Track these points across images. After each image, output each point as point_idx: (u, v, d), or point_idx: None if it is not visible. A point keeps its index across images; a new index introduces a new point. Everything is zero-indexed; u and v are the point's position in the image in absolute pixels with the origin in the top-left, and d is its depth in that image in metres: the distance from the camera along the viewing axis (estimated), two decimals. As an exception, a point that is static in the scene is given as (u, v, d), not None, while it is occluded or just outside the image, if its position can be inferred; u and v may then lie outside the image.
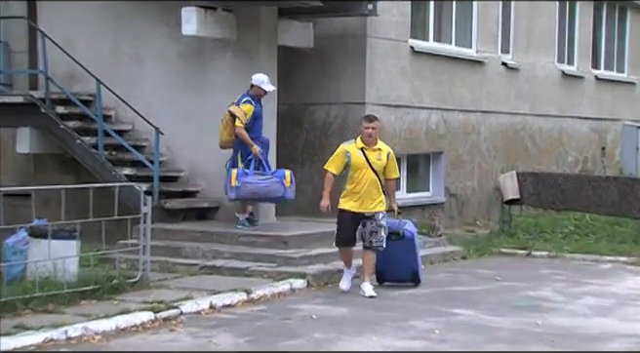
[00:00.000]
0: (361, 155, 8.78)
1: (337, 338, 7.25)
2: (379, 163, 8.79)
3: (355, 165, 8.76)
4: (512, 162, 15.91)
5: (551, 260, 12.03)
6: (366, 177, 8.76)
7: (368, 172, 8.76)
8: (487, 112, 15.38)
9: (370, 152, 8.79)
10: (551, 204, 13.81)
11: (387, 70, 13.04)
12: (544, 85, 16.90)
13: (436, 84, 14.12)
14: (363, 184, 8.77)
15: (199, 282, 9.29)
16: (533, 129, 16.69)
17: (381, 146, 8.89)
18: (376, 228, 8.78)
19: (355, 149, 8.81)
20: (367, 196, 8.79)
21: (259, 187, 10.24)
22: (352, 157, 8.78)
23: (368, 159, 8.78)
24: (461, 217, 14.81)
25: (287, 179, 10.34)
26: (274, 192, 10.32)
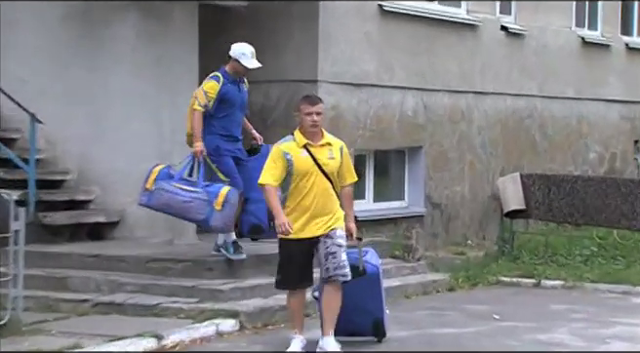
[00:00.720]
0: (306, 155, 8.27)
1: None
2: (331, 163, 8.31)
3: (300, 170, 8.22)
4: (515, 161, 16.13)
5: (567, 292, 12.21)
6: (317, 186, 8.24)
7: (318, 177, 8.25)
8: (481, 93, 15.57)
9: (317, 149, 8.30)
10: (567, 217, 14.00)
11: (348, 37, 13.15)
12: (558, 56, 17.17)
13: (413, 55, 14.26)
14: (313, 196, 8.23)
15: (91, 324, 9.23)
16: (543, 116, 16.94)
17: (330, 140, 8.43)
18: (333, 248, 8.19)
19: (296, 148, 8.27)
20: (320, 212, 8.25)
21: (175, 200, 9.97)
22: (294, 159, 8.24)
23: (316, 159, 8.27)
24: (448, 235, 14.98)
25: (218, 201, 9.92)
26: (194, 212, 10.01)
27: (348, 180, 8.52)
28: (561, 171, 16.60)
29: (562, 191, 13.83)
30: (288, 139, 8.39)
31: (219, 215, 9.93)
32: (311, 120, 8.25)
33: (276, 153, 8.31)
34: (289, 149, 8.28)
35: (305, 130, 8.32)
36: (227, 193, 9.94)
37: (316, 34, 12.72)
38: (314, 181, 8.24)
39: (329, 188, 8.31)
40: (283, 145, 8.33)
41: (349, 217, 8.52)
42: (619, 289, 12.24)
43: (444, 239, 14.81)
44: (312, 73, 12.74)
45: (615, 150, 18.76)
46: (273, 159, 8.30)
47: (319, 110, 8.29)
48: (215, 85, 10.19)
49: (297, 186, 8.27)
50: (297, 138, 8.33)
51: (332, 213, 8.32)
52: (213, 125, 10.20)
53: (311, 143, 8.29)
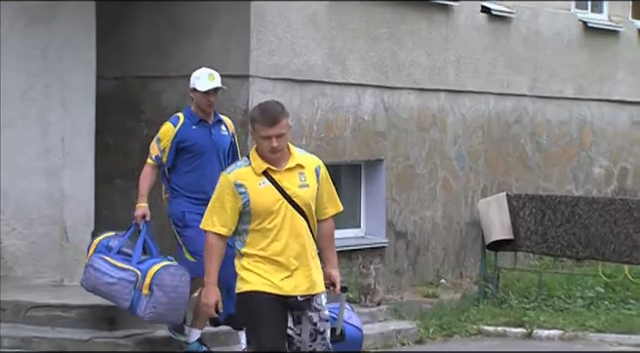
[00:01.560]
0: (267, 185, 7.33)
1: None
2: (305, 193, 7.39)
3: (260, 208, 7.29)
4: (501, 177, 16.24)
5: (567, 345, 12.27)
6: (288, 226, 7.32)
7: (289, 214, 7.33)
8: (458, 92, 15.67)
9: (284, 175, 7.36)
10: (566, 249, 14.08)
11: (289, 21, 13.16)
12: (554, 46, 17.35)
13: (372, 43, 14.31)
14: (285, 242, 7.31)
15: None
16: (535, 121, 17.08)
17: (302, 159, 7.47)
18: (321, 325, 7.47)
19: (253, 176, 7.33)
20: (294, 262, 7.35)
21: (101, 281, 9.64)
22: (251, 193, 7.28)
23: (283, 189, 7.34)
24: (415, 272, 15.03)
25: (145, 283, 9.53)
26: (119, 296, 9.65)
27: (330, 211, 7.61)
28: (558, 190, 16.73)
29: (560, 216, 13.90)
30: (240, 164, 7.46)
31: (144, 303, 9.53)
32: (269, 146, 7.25)
33: (223, 185, 7.34)
34: (242, 179, 7.31)
35: (264, 153, 7.32)
36: (156, 273, 9.56)
37: (247, 16, 12.70)
38: (283, 220, 7.30)
39: (304, 228, 7.38)
40: (234, 173, 7.35)
41: (331, 262, 7.65)
42: (631, 340, 12.32)
43: (411, 277, 14.85)
44: (243, 66, 12.74)
45: (626, 164, 18.93)
46: (219, 194, 7.33)
47: (281, 132, 7.24)
48: (170, 129, 9.97)
49: (258, 229, 7.33)
50: (253, 163, 7.35)
51: (309, 263, 7.39)
52: (177, 184, 9.98)
53: (273, 168, 7.32)
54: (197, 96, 9.97)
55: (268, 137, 7.25)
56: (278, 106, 7.38)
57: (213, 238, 7.33)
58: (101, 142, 12.26)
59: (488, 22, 16.10)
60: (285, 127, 7.29)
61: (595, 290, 14.16)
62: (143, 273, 9.54)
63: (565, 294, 14.04)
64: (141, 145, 13.02)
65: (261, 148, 7.31)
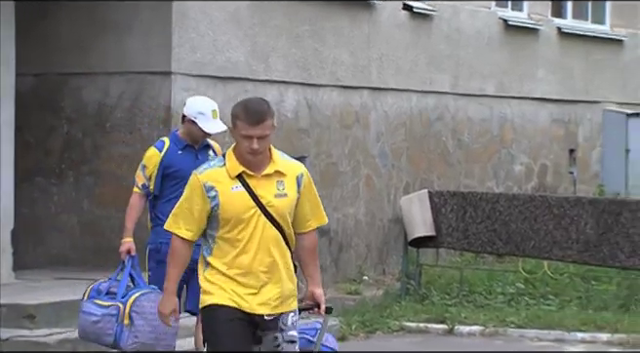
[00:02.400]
0: (240, 190, 6.60)
1: None
2: (280, 203, 6.64)
3: (230, 214, 6.58)
4: (423, 174, 16.26)
5: (488, 341, 12.29)
6: (258, 237, 6.58)
7: (261, 224, 6.59)
8: (380, 90, 15.67)
9: (259, 182, 6.62)
10: (487, 245, 14.13)
11: (211, 18, 13.09)
12: (475, 44, 17.40)
13: (295, 41, 14.27)
14: (254, 254, 6.59)
15: None
16: (456, 118, 17.12)
17: (283, 166, 6.69)
18: (284, 347, 6.72)
19: (226, 178, 6.62)
20: (264, 277, 6.62)
21: (87, 322, 9.03)
22: (221, 197, 6.57)
23: (257, 197, 6.61)
24: (338, 269, 15.02)
25: (125, 313, 8.91)
26: (103, 334, 9.02)
27: (313, 224, 6.83)
28: (479, 187, 16.78)
29: (480, 213, 13.95)
30: (214, 164, 6.73)
31: (126, 333, 8.91)
32: (249, 148, 6.49)
33: (193, 185, 6.64)
34: (214, 180, 6.58)
35: (241, 154, 6.56)
36: (135, 300, 8.96)
37: (169, 13, 12.62)
38: (254, 230, 6.55)
39: (278, 239, 6.60)
40: (205, 174, 6.62)
41: (314, 280, 6.84)
42: (550, 335, 12.38)
43: (333, 274, 14.83)
44: (165, 63, 12.65)
45: (545, 161, 19.04)
46: (188, 194, 6.65)
47: (264, 133, 6.48)
48: (155, 154, 9.33)
49: (227, 238, 6.61)
50: (228, 164, 6.60)
51: (283, 280, 6.63)
52: (161, 212, 9.13)
53: (249, 172, 6.55)
54: (196, 130, 9.25)
55: (249, 136, 6.44)
56: (264, 104, 6.59)
57: (177, 241, 6.62)
58: (21, 140, 12.13)
59: (410, 20, 16.12)
60: (269, 128, 6.47)
61: (515, 286, 14.22)
62: (124, 304, 8.91)
63: (486, 291, 14.08)
64: (62, 142, 12.95)
65: (240, 149, 6.50)
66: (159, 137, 12.37)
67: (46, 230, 12.74)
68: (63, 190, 12.81)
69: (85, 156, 12.84)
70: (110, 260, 12.11)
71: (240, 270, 6.52)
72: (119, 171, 12.62)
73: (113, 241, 12.26)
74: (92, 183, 12.84)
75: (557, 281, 14.30)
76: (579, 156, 19.77)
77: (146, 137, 12.54)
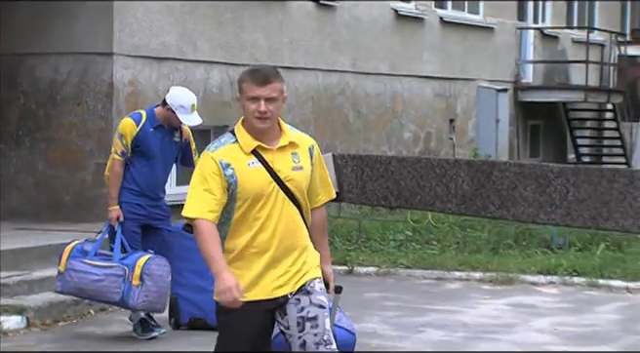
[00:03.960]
0: (257, 166, 5.29)
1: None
2: (298, 176, 5.37)
3: (249, 191, 5.26)
4: (327, 140, 16.25)
5: (381, 279, 12.37)
6: (277, 215, 5.31)
7: (279, 201, 5.32)
8: (291, 69, 15.60)
9: (275, 155, 5.33)
10: (381, 200, 14.17)
11: (147, 6, 12.96)
12: (372, 30, 17.41)
13: (219, 27, 14.18)
14: (272, 232, 5.31)
15: None
16: (356, 93, 17.13)
17: (295, 137, 5.43)
18: (312, 311, 5.29)
19: (240, 155, 5.29)
20: (284, 256, 5.34)
21: (86, 280, 8.68)
22: (239, 174, 5.26)
23: (275, 172, 5.32)
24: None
25: (135, 274, 8.63)
26: (108, 291, 8.70)
27: (323, 198, 5.56)
28: (375, 151, 16.85)
29: (376, 173, 13.98)
30: (225, 141, 5.33)
31: (136, 292, 8.65)
32: (257, 110, 5.20)
33: (207, 164, 5.25)
34: (229, 157, 5.24)
35: (252, 124, 5.26)
36: (145, 263, 8.70)
37: (111, 2, 12.48)
38: (273, 207, 5.28)
39: (296, 217, 5.36)
40: (219, 151, 5.26)
41: (323, 258, 5.54)
42: (433, 274, 12.47)
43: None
44: (107, 45, 12.50)
45: (430, 129, 19.15)
46: (202, 175, 5.24)
47: (272, 94, 5.23)
48: (131, 124, 8.89)
49: (244, 217, 5.28)
50: (240, 139, 5.28)
51: (302, 255, 5.37)
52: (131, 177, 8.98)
53: (264, 146, 5.28)
54: (173, 118, 8.88)
55: (256, 98, 5.18)
56: (272, 69, 5.41)
57: (204, 225, 5.15)
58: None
59: (316, 10, 16.09)
60: (278, 91, 5.24)
61: (405, 233, 14.31)
62: (131, 266, 8.62)
63: (380, 238, 14.17)
64: (19, 113, 12.83)
65: (248, 114, 5.22)
66: (102, 108, 12.42)
67: (6, 188, 12.58)
68: (21, 154, 12.69)
69: (39, 125, 12.70)
70: (61, 213, 12.00)
71: (258, 249, 5.22)
72: (68, 137, 12.54)
73: (63, 197, 12.20)
74: (45, 148, 12.70)
75: (439, 229, 14.44)
76: (457, 125, 19.91)
77: (92, 108, 12.47)
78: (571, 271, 12.36)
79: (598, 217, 13.41)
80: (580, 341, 9.30)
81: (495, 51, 21.15)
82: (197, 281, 9.13)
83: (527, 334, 9.57)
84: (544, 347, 9.06)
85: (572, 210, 13.48)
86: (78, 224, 11.51)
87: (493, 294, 11.18)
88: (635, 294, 11.60)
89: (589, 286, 11.91)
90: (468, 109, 20.27)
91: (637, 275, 12.08)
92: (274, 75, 5.27)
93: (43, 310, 9.48)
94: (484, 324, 9.91)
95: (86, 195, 12.30)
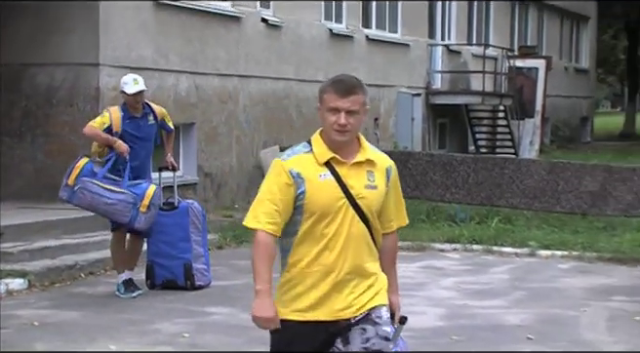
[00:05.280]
0: (329, 179, 4.12)
1: (64, 348, 7.12)
2: (371, 195, 4.16)
3: (317, 205, 4.10)
4: (276, 135, 16.21)
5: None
6: (346, 232, 4.11)
7: (349, 218, 4.12)
8: (246, 77, 15.56)
9: (350, 171, 4.14)
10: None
11: (126, 26, 12.85)
12: (311, 46, 17.36)
13: (186, 43, 14.09)
14: (340, 250, 4.11)
15: None
16: (298, 97, 17.09)
17: (373, 155, 4.22)
18: (377, 343, 4.13)
19: (313, 165, 4.14)
20: (351, 277, 4.14)
21: (99, 201, 8.56)
22: (308, 186, 4.10)
23: (347, 187, 4.12)
24: (217, 200, 14.92)
25: (144, 203, 8.56)
26: (118, 214, 8.60)
27: (395, 224, 4.31)
28: (314, 144, 16.80)
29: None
30: (299, 150, 4.19)
31: (143, 218, 8.63)
32: (337, 123, 4.07)
33: (277, 173, 4.12)
34: (301, 167, 4.09)
35: (330, 136, 4.13)
36: (154, 194, 8.66)
37: (97, 22, 12.36)
38: (341, 225, 4.08)
39: (365, 236, 4.13)
40: (291, 160, 4.12)
41: (391, 287, 4.28)
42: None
43: (214, 204, 14.73)
44: (94, 57, 12.38)
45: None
46: (270, 184, 4.12)
47: (353, 107, 4.07)
48: (105, 120, 8.77)
49: (310, 232, 4.08)
50: (315, 149, 4.14)
51: (369, 278, 4.16)
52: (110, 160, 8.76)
53: (340, 159, 4.11)
54: (126, 97, 8.84)
55: (337, 109, 4.05)
56: (355, 79, 4.18)
57: (261, 236, 4.04)
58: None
59: (266, 29, 16.03)
60: (359, 103, 4.08)
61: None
62: (141, 196, 8.56)
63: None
64: (22, 113, 12.70)
65: (327, 126, 4.09)
66: (91, 109, 12.32)
67: (10, 175, 12.43)
68: (23, 146, 12.57)
69: (38, 122, 12.57)
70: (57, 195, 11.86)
71: (323, 267, 4.05)
72: (62, 132, 12.41)
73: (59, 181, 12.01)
74: (43, 142, 12.57)
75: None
76: (380, 123, 19.96)
77: (82, 109, 12.36)
78: (471, 240, 12.44)
79: (492, 197, 13.55)
80: (478, 296, 9.38)
81: (410, 63, 21.23)
82: (169, 250, 9.17)
83: (436, 291, 9.65)
84: (450, 301, 9.11)
85: (472, 191, 13.61)
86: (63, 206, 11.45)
87: (409, 260, 11.23)
88: (522, 258, 11.72)
89: (485, 252, 12.01)
90: (389, 110, 20.31)
91: (523, 243, 12.20)
92: (358, 86, 4.10)
93: (42, 274, 9.40)
94: (402, 283, 9.76)
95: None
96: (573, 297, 9.29)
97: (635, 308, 8.78)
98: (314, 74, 17.48)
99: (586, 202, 12.98)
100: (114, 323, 7.93)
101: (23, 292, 9.08)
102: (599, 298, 9.21)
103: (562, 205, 13.12)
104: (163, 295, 9.02)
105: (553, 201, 13.15)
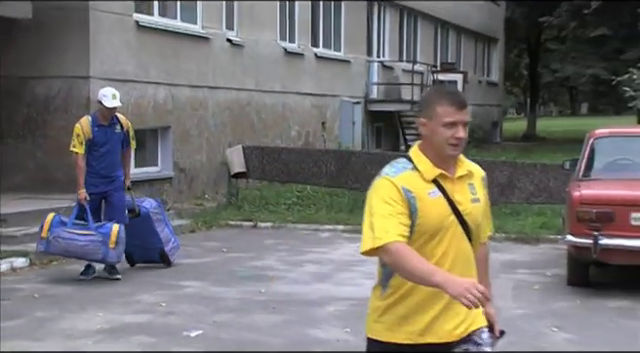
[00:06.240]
0: (438, 196, 3.26)
1: (60, 316, 7.06)
2: (476, 208, 3.34)
3: (430, 224, 3.24)
4: (239, 136, 16.15)
5: (276, 231, 12.30)
6: (454, 250, 3.29)
7: (456, 234, 3.29)
8: (214, 88, 15.47)
9: (455, 186, 3.31)
10: (275, 177, 14.19)
11: (112, 44, 12.71)
12: (268, 62, 17.28)
13: (163, 59, 13.97)
14: (448, 269, 3.23)
15: None
16: (258, 104, 17.03)
17: (469, 164, 3.39)
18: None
19: (421, 183, 3.26)
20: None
21: (74, 245, 8.32)
22: (420, 204, 3.23)
23: (454, 202, 3.29)
24: (190, 191, 14.84)
25: (112, 240, 8.31)
26: (92, 253, 8.34)
27: (486, 233, 3.48)
28: (271, 144, 16.77)
29: (272, 158, 13.99)
30: (403, 167, 3.28)
31: (113, 253, 8.38)
32: (454, 137, 3.22)
33: (388, 191, 3.21)
34: (410, 185, 3.22)
35: (438, 152, 3.25)
36: (119, 232, 8.38)
37: (87, 41, 12.24)
38: (450, 243, 3.26)
39: (470, 252, 3.33)
40: (399, 177, 3.23)
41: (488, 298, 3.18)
42: (311, 227, 12.45)
43: (187, 194, 14.66)
44: (85, 71, 12.27)
45: (309, 129, 19.17)
46: (384, 201, 3.19)
47: (468, 119, 3.26)
48: (78, 129, 8.44)
49: (419, 253, 3.17)
50: (419, 166, 3.26)
51: None
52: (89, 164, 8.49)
53: (447, 174, 3.27)
54: (102, 108, 8.44)
55: (454, 123, 3.18)
56: (459, 92, 3.34)
57: (396, 245, 3.09)
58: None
59: (230, 47, 15.95)
60: (469, 115, 3.25)
61: (292, 200, 14.25)
62: (107, 235, 8.28)
63: (275, 202, 14.07)
64: (24, 118, 12.54)
65: (440, 140, 3.19)
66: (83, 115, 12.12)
67: (13, 171, 12.27)
68: (25, 147, 12.43)
69: (38, 126, 12.43)
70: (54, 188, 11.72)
71: (431, 289, 3.12)
72: (58, 135, 12.22)
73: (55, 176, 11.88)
74: (42, 142, 12.42)
75: (315, 196, 14.40)
76: (327, 126, 19.95)
77: (75, 114, 12.08)
78: (402, 224, 12.50)
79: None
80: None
81: (351, 76, 21.25)
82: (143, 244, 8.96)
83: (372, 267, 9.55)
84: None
85: (403, 183, 13.71)
86: (66, 195, 11.25)
87: (351, 241, 11.26)
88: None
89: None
90: (334, 115, 20.32)
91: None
92: (465, 99, 3.25)
93: (41, 254, 9.25)
94: (344, 260, 9.96)
95: (71, 174, 11.97)
96: (485, 271, 9.35)
97: (534, 279, 8.90)
98: (272, 86, 17.48)
99: (496, 192, 13.10)
100: (102, 295, 7.86)
101: (25, 269, 8.98)
102: (506, 272, 9.29)
103: (477, 194, 13.22)
104: (143, 272, 8.95)
105: (469, 191, 13.25)
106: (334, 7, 20.59)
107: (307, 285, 8.52)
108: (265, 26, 17.19)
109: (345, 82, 20.83)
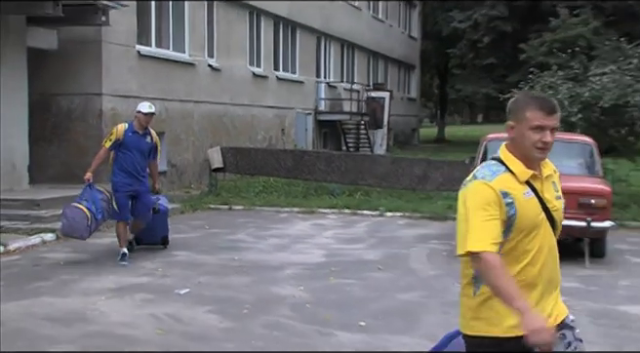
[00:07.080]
0: (531, 196, 2.71)
1: (79, 279, 7.03)
2: (560, 204, 2.81)
3: (525, 223, 2.68)
4: (218, 140, 16.10)
5: (246, 212, 12.27)
6: (545, 245, 2.73)
7: (547, 231, 2.75)
8: (199, 102, 15.41)
9: (543, 185, 2.76)
10: (246, 171, 14.20)
11: (120, 69, 12.61)
12: (240, 82, 17.24)
13: (159, 80, 13.87)
14: (541, 264, 2.73)
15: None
16: (233, 115, 16.99)
17: (550, 163, 2.83)
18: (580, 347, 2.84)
19: (515, 183, 2.69)
20: (548, 289, 2.77)
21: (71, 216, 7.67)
22: (517, 204, 2.66)
23: (544, 201, 2.74)
24: (180, 182, 14.78)
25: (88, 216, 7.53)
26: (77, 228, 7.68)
27: (560, 228, 2.83)
28: (243, 145, 16.74)
29: (244, 156, 13.99)
30: (497, 170, 2.71)
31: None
32: (541, 141, 2.67)
33: (486, 194, 2.65)
34: (507, 187, 2.67)
35: (526, 154, 2.71)
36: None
37: (100, 66, 12.13)
38: (543, 240, 2.73)
39: (556, 248, 2.81)
40: (496, 180, 2.67)
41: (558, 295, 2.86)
42: (273, 209, 12.44)
43: (178, 184, 14.60)
44: (98, 89, 12.15)
45: (271, 134, 19.17)
46: (481, 206, 2.63)
47: (557, 124, 2.69)
48: (116, 131, 7.83)
49: (514, 250, 2.69)
50: (513, 168, 2.71)
51: (558, 287, 2.84)
52: (117, 163, 7.84)
53: (537, 175, 2.75)
54: (140, 115, 7.83)
55: (543, 127, 2.66)
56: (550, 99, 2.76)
57: (489, 257, 2.59)
58: (31, 125, 11.42)
59: (211, 71, 15.89)
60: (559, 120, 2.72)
61: (259, 188, 14.17)
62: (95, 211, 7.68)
63: (244, 190, 13.95)
64: (51, 126, 12.34)
65: (527, 144, 2.69)
66: (97, 123, 12.05)
67: (44, 167, 12.10)
68: (51, 149, 12.24)
69: (62, 132, 12.25)
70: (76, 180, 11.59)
71: (526, 283, 2.69)
72: (78, 139, 12.15)
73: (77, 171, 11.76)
74: (66, 146, 12.25)
75: (277, 186, 14.38)
76: (286, 132, 19.95)
77: (91, 123, 12.14)
78: (343, 207, 12.56)
79: (358, 179, 13.75)
80: (348, 242, 9.43)
81: (305, 93, 21.28)
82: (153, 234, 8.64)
83: (321, 239, 9.72)
84: (329, 246, 9.11)
85: (344, 175, 13.78)
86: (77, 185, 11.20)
87: (304, 220, 11.35)
88: (375, 218, 11.88)
89: (352, 214, 12.14)
90: (291, 123, 20.33)
91: (376, 208, 12.38)
92: (556, 104, 2.72)
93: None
94: (300, 235, 10.02)
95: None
96: (406, 242, 9.48)
97: (443, 247, 9.05)
98: (243, 100, 17.47)
99: (415, 182, 13.31)
100: (113, 263, 7.82)
101: (53, 242, 8.90)
102: (422, 242, 9.44)
103: (400, 184, 13.40)
104: (144, 248, 8.93)
105: (395, 181, 13.43)
106: (291, 40, 20.60)
107: (270, 254, 8.56)
108: (238, 55, 17.14)
109: (300, 98, 20.86)
